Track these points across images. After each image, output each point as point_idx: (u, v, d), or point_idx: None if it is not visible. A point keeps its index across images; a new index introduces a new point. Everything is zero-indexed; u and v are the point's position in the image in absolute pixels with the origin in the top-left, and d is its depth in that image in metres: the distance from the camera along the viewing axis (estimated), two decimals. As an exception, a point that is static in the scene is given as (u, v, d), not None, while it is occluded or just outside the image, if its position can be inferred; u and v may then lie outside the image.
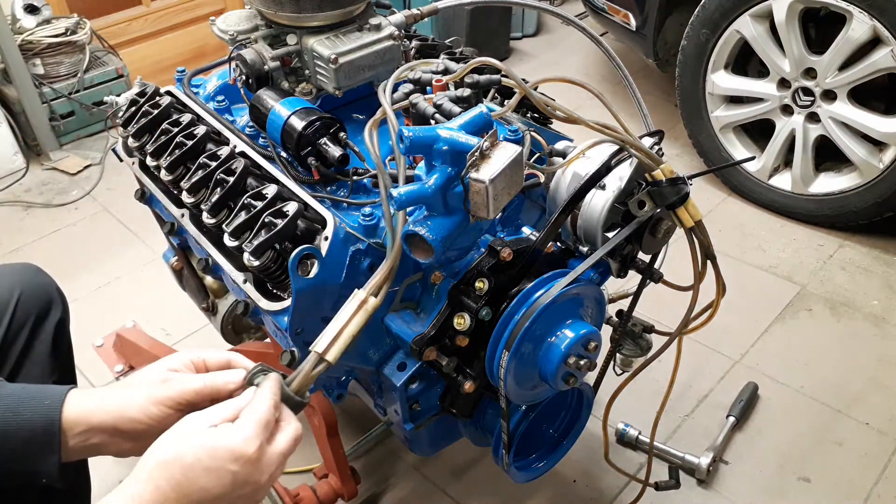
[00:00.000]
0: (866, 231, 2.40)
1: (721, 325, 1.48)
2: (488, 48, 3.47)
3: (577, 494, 1.69)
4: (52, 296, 1.23)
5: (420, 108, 1.18)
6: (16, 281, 1.20)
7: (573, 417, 1.34)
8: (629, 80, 1.47)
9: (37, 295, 1.20)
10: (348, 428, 1.84)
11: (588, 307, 1.16)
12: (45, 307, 1.21)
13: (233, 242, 1.08)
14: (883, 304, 2.16)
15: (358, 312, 0.89)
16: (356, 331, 0.88)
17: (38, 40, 2.93)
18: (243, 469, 0.73)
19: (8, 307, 1.16)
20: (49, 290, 1.23)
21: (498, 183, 0.97)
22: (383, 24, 1.32)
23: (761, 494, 1.67)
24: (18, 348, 1.16)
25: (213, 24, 1.37)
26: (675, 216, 1.11)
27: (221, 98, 1.39)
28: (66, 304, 1.26)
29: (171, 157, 1.21)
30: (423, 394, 1.24)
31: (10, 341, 1.15)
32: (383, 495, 1.71)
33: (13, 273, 1.22)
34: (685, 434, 1.81)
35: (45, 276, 1.26)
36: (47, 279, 1.25)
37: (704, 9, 2.39)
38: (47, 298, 1.22)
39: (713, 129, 2.55)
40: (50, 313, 1.22)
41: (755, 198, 2.56)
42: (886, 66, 2.08)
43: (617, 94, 3.17)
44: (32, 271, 1.25)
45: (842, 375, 1.94)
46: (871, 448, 1.76)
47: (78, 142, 3.14)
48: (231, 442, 0.73)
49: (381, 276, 0.94)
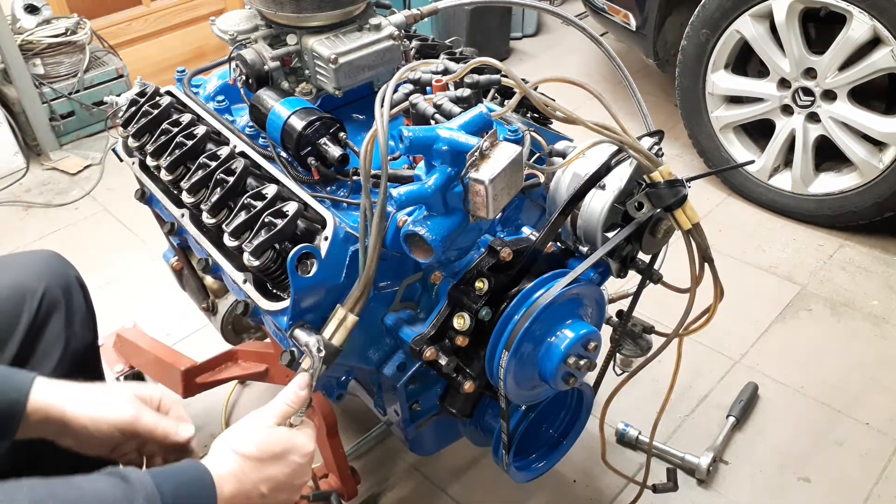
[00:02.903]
0: (866, 231, 2.40)
1: (721, 325, 1.48)
2: (488, 48, 3.48)
3: (577, 494, 1.69)
4: (72, 284, 1.23)
5: (420, 109, 1.18)
6: (42, 269, 1.20)
7: (573, 417, 1.34)
8: (629, 80, 1.47)
9: (60, 284, 1.20)
10: (348, 428, 1.84)
11: (588, 307, 1.16)
12: (68, 295, 1.21)
13: (233, 242, 1.08)
14: (883, 304, 2.16)
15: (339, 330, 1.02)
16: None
17: (38, 40, 2.93)
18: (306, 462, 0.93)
19: (35, 294, 1.16)
20: (69, 279, 1.23)
21: (498, 183, 0.97)
22: (383, 24, 1.32)
23: (761, 494, 1.67)
24: (44, 336, 1.16)
25: (213, 24, 1.37)
26: (673, 218, 1.11)
27: (221, 98, 1.39)
28: (86, 293, 1.26)
29: (171, 157, 1.21)
30: (423, 394, 1.24)
31: (38, 327, 1.15)
32: (383, 495, 1.71)
33: (38, 261, 1.22)
34: (685, 434, 1.81)
35: (68, 265, 1.26)
36: (71, 268, 1.26)
37: (704, 9, 2.39)
38: (68, 286, 1.22)
39: (713, 129, 2.55)
40: (75, 302, 1.22)
41: (755, 198, 2.56)
42: (886, 66, 2.08)
43: (617, 94, 3.17)
44: (56, 259, 1.25)
45: (842, 375, 1.94)
46: (871, 448, 1.76)
47: (78, 142, 3.14)
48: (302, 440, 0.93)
49: (358, 291, 1.03)
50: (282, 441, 0.91)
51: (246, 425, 0.92)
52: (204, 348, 1.86)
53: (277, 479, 0.89)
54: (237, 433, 0.91)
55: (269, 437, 0.91)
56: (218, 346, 1.75)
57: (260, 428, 0.92)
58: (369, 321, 1.15)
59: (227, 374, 1.71)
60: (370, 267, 1.02)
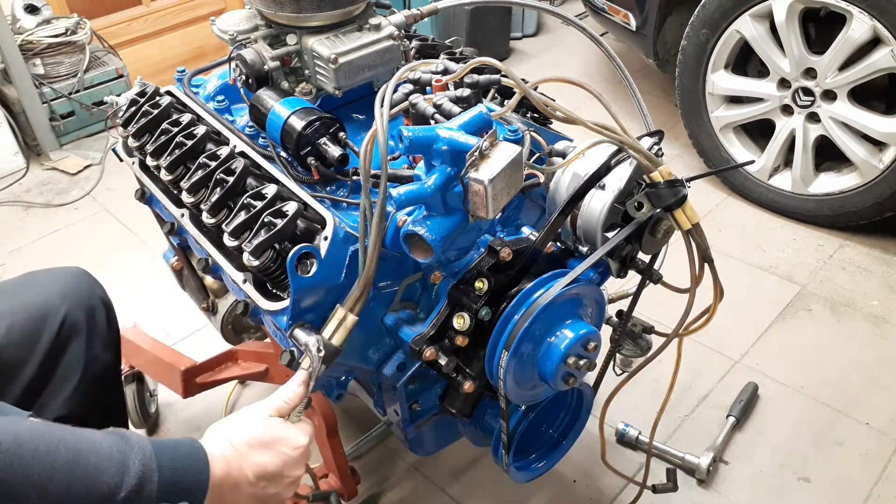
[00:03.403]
0: (866, 231, 2.40)
1: (721, 325, 1.48)
2: (488, 48, 3.48)
3: (577, 494, 1.69)
4: (96, 305, 1.23)
5: (420, 109, 1.18)
6: (66, 288, 1.19)
7: (573, 417, 1.34)
8: (629, 80, 1.47)
9: (84, 304, 1.20)
10: (348, 428, 1.84)
11: (588, 307, 1.16)
12: (90, 316, 1.20)
13: (232, 242, 1.08)
14: (883, 304, 2.16)
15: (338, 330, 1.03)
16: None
17: (38, 40, 2.93)
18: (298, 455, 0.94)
19: (58, 314, 1.16)
20: (94, 300, 1.23)
21: (497, 183, 0.97)
22: (383, 24, 1.32)
23: (761, 494, 1.67)
24: (65, 359, 1.16)
25: (213, 24, 1.37)
26: (673, 218, 1.11)
27: (221, 98, 1.39)
28: (111, 314, 1.26)
29: (171, 157, 1.21)
30: (422, 394, 1.24)
31: (59, 349, 1.15)
32: (383, 495, 1.71)
33: (64, 279, 1.21)
34: (685, 434, 1.81)
35: (96, 284, 1.26)
36: (98, 288, 1.25)
37: (704, 9, 2.39)
38: (92, 307, 1.22)
39: (713, 129, 2.55)
40: (97, 324, 1.21)
41: (755, 198, 2.55)
42: (886, 66, 2.08)
43: (617, 94, 3.17)
44: (84, 279, 1.24)
45: (842, 375, 1.94)
46: (871, 448, 1.76)
47: (78, 142, 3.14)
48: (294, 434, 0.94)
49: (358, 292, 1.03)
50: (272, 431, 0.92)
51: (240, 415, 0.94)
52: (204, 348, 1.86)
53: (266, 469, 0.90)
54: (230, 421, 0.92)
55: (261, 426, 0.92)
56: (218, 346, 1.75)
57: (253, 418, 0.93)
58: (369, 321, 1.15)
59: (227, 374, 1.71)
60: (370, 267, 1.02)
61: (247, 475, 0.88)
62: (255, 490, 0.89)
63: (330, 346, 1.02)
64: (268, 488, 0.90)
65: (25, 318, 1.13)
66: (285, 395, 0.97)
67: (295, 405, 0.97)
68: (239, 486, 0.88)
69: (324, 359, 1.00)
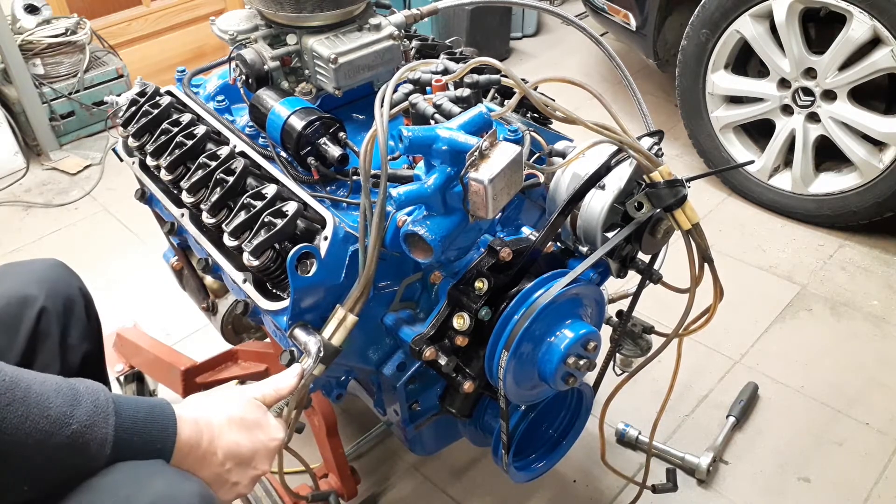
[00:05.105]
0: (866, 231, 2.40)
1: (721, 325, 1.48)
2: (488, 48, 3.48)
3: (577, 494, 1.69)
4: (74, 295, 1.22)
5: (420, 108, 1.18)
6: (43, 278, 1.18)
7: (573, 417, 1.34)
8: (629, 80, 1.47)
9: (61, 294, 1.19)
10: (348, 428, 1.84)
11: (588, 307, 1.16)
12: (69, 306, 1.20)
13: (232, 242, 1.08)
14: (883, 304, 2.16)
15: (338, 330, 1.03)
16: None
17: (38, 40, 2.93)
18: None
19: (35, 304, 1.15)
20: (71, 290, 1.22)
21: (497, 183, 0.97)
22: (383, 24, 1.32)
23: (761, 494, 1.67)
24: (47, 346, 1.15)
25: (213, 24, 1.37)
26: (673, 218, 1.11)
27: (221, 98, 1.39)
28: (90, 304, 1.25)
29: (171, 157, 1.21)
30: (422, 394, 1.24)
31: (38, 338, 1.14)
32: (383, 495, 1.71)
33: (40, 270, 1.21)
34: (685, 434, 1.81)
35: (72, 275, 1.25)
36: (75, 279, 1.24)
37: (704, 9, 2.39)
38: (70, 297, 1.21)
39: (713, 129, 2.55)
40: (75, 314, 1.20)
41: (755, 198, 2.55)
42: (886, 66, 2.07)
43: (617, 94, 3.17)
44: (60, 269, 1.23)
45: (842, 375, 1.94)
46: (871, 448, 1.76)
47: (78, 142, 3.14)
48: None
49: (358, 292, 1.03)
50: (252, 413, 0.91)
51: (224, 391, 0.93)
52: (204, 348, 1.86)
53: (238, 449, 0.88)
54: (213, 394, 0.91)
55: (244, 406, 0.91)
56: (218, 346, 1.75)
57: (238, 397, 0.92)
58: (369, 321, 1.16)
59: (227, 374, 1.71)
60: (370, 267, 1.02)
61: (216, 451, 0.85)
62: (220, 470, 0.86)
63: (330, 346, 1.02)
64: (232, 473, 0.87)
65: (3, 307, 1.12)
66: (276, 384, 0.96)
67: (282, 396, 0.96)
68: (205, 459, 0.85)
69: (323, 359, 1.01)
